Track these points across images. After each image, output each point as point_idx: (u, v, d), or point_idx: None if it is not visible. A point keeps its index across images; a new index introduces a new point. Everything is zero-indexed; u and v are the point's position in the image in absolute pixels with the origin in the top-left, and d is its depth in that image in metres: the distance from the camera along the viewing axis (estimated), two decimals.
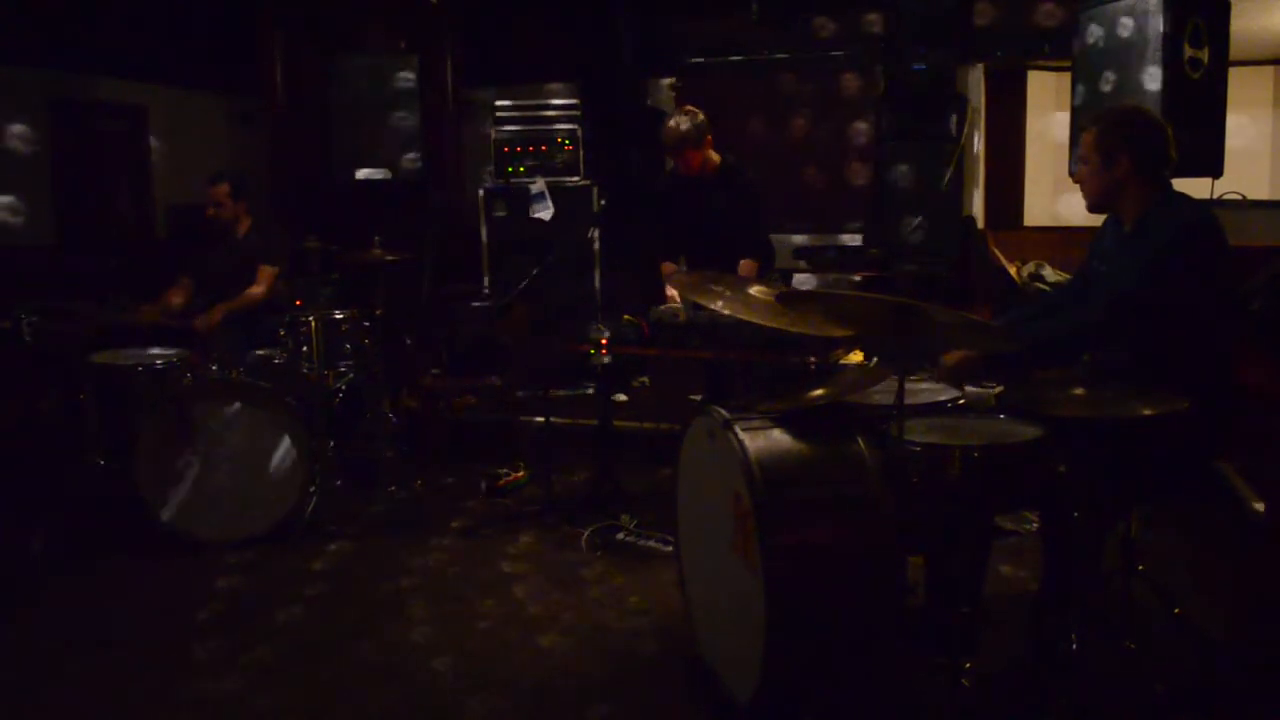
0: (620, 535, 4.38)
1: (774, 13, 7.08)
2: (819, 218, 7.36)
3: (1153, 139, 2.99)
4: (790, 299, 3.34)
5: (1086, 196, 3.08)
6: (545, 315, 5.81)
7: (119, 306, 4.88)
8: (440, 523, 4.68)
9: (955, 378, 3.12)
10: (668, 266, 4.94)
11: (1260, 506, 4.17)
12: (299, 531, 4.42)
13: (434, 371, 5.89)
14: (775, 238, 5.31)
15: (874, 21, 7.05)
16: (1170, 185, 3.01)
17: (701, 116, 4.69)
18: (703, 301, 3.55)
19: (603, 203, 6.42)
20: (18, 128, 6.23)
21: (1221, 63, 4.48)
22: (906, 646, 2.82)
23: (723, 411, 2.88)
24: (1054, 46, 6.68)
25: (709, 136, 4.72)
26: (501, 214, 6.61)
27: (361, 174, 6.60)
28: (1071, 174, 3.21)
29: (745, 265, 4.73)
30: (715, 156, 4.80)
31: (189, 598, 3.90)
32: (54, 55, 6.40)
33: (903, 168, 6.50)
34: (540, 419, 5.27)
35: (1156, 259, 2.85)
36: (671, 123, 4.68)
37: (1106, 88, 4.60)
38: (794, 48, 7.33)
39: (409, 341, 5.89)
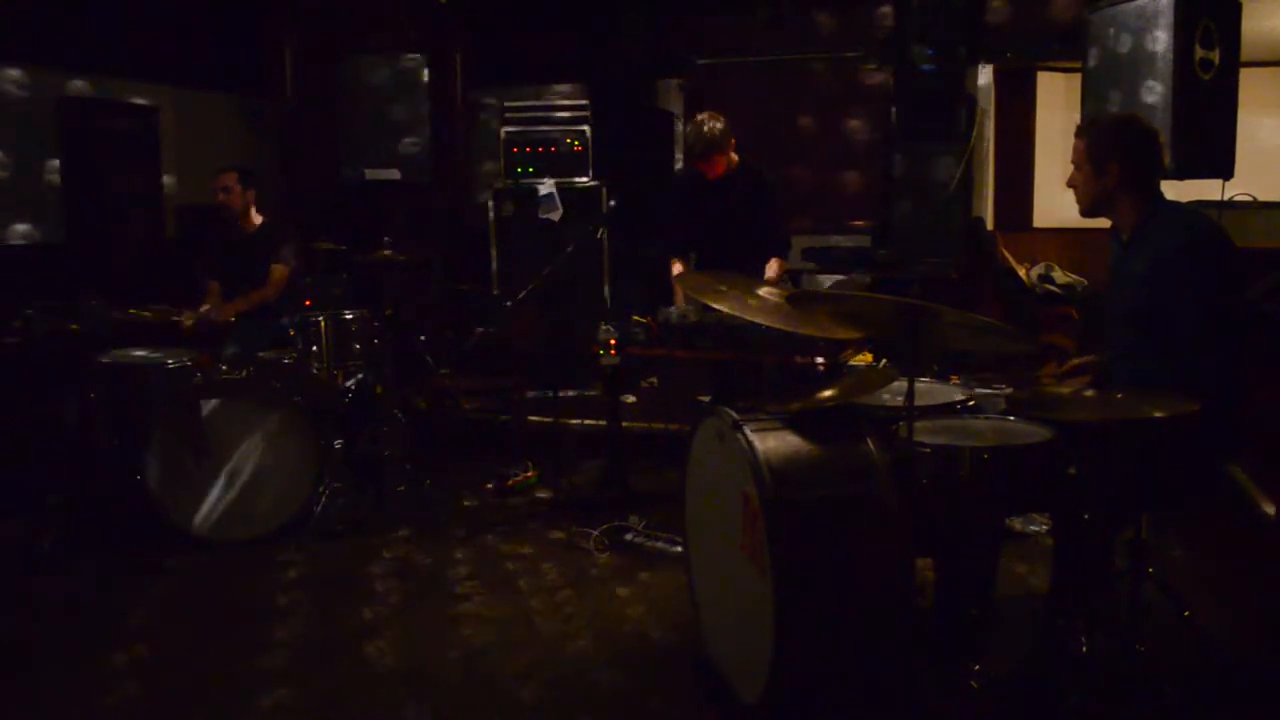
0: (629, 536, 4.38)
1: (782, 13, 7.08)
2: (828, 218, 7.36)
3: (1144, 147, 2.99)
4: (799, 300, 3.34)
5: (1079, 203, 3.10)
6: (554, 316, 5.81)
7: (158, 308, 4.89)
8: (448, 522, 4.69)
9: None
10: (677, 265, 4.94)
11: (1270, 509, 4.16)
12: (308, 531, 4.44)
13: (443, 372, 5.90)
14: None
15: (884, 21, 7.05)
16: (1161, 193, 3.01)
17: (724, 120, 4.68)
18: (711, 303, 3.55)
19: (611, 203, 6.42)
20: (28, 126, 6.25)
21: (1233, 64, 4.46)
22: (915, 648, 2.81)
23: (732, 412, 2.88)
24: (1064, 47, 6.67)
25: (732, 139, 4.72)
26: (510, 214, 6.62)
27: (371, 174, 6.61)
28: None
29: (773, 266, 4.73)
30: (734, 156, 4.80)
31: (197, 597, 3.92)
32: (64, 55, 6.42)
33: (912, 169, 6.49)
34: (549, 419, 5.28)
35: (1163, 264, 2.85)
36: (699, 129, 4.63)
37: (1116, 89, 4.58)
38: (802, 48, 7.33)
39: (418, 341, 5.89)
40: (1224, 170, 4.49)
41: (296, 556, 4.26)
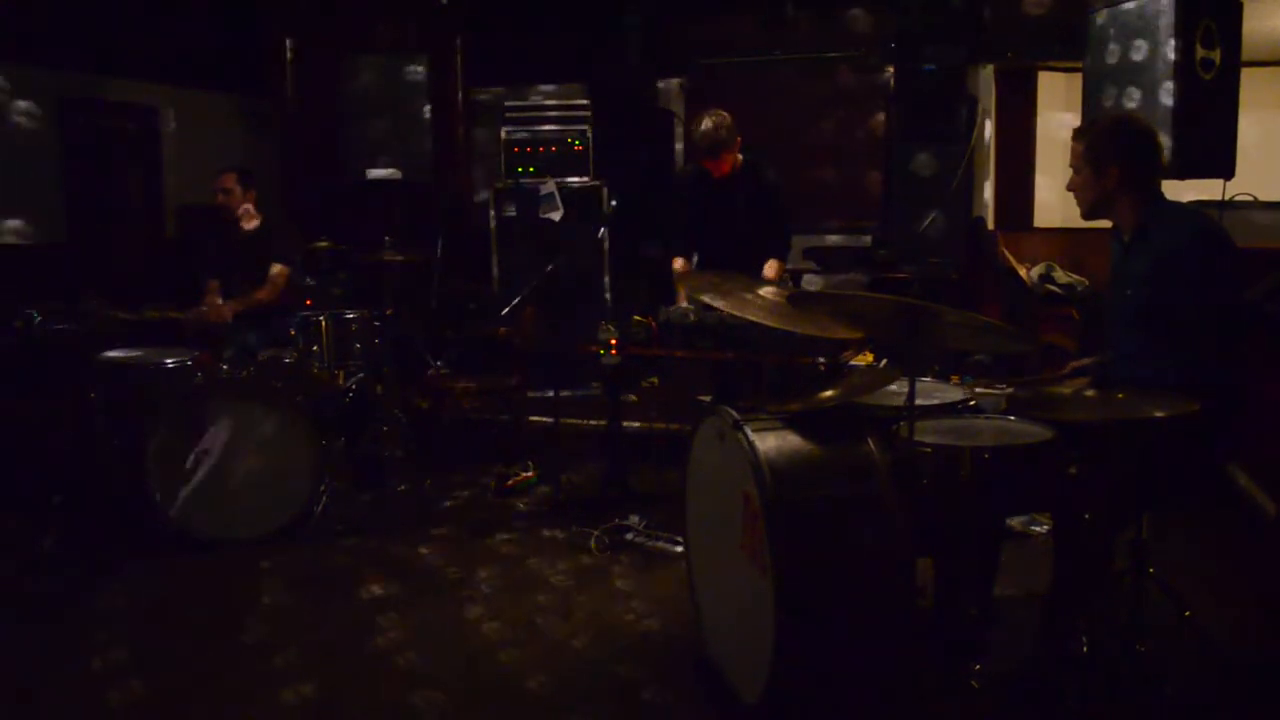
0: (629, 535, 4.38)
1: (783, 13, 7.07)
2: (828, 218, 7.36)
3: (1142, 148, 3.00)
4: (800, 300, 3.34)
5: (1080, 205, 3.10)
6: (554, 316, 5.81)
7: (159, 308, 4.90)
8: (449, 522, 4.69)
9: None
10: (678, 263, 4.94)
11: (1271, 509, 4.16)
12: (308, 530, 4.44)
13: (443, 371, 5.90)
14: None
15: (884, 22, 7.04)
16: (1161, 192, 3.02)
17: (730, 118, 4.69)
18: (712, 302, 3.55)
19: (612, 203, 6.42)
20: (29, 126, 6.25)
21: (1234, 63, 4.46)
22: (916, 648, 2.81)
23: (732, 412, 2.88)
24: (1064, 47, 6.67)
25: (738, 138, 4.73)
26: (511, 214, 6.62)
27: (371, 174, 6.61)
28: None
29: (771, 267, 4.74)
30: (739, 155, 4.81)
31: (198, 597, 3.92)
32: (66, 55, 6.42)
33: (912, 168, 6.49)
34: (549, 419, 5.28)
35: (1165, 263, 2.85)
36: (706, 126, 4.63)
37: (1117, 89, 4.58)
38: (803, 48, 7.32)
39: (418, 341, 5.90)
40: (1225, 170, 4.49)
41: (297, 556, 4.26)
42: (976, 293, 6.49)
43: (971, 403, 3.15)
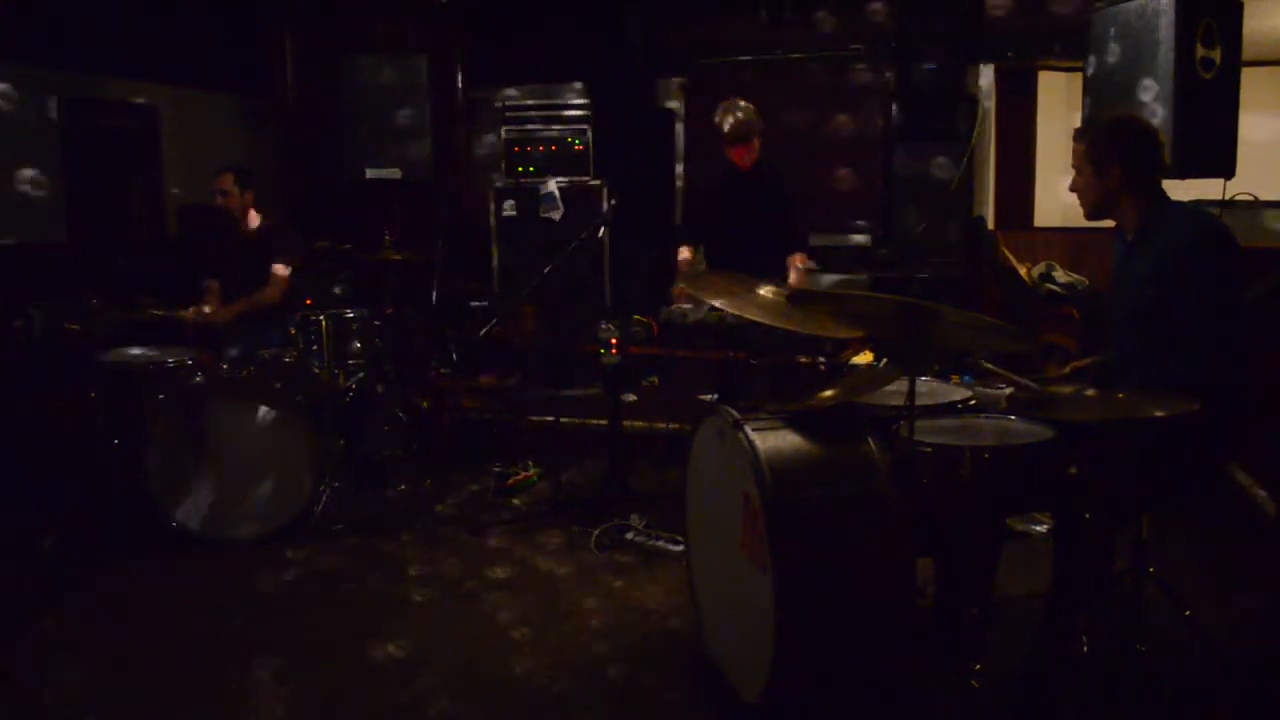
0: (629, 535, 4.39)
1: (783, 12, 7.07)
2: (829, 218, 7.34)
3: (1144, 147, 2.99)
4: (800, 299, 3.33)
5: (1083, 206, 3.10)
6: (555, 315, 5.81)
7: (151, 307, 4.89)
8: (449, 522, 4.69)
9: None
10: (684, 252, 4.97)
11: (1271, 509, 4.16)
12: (308, 530, 4.44)
13: (443, 371, 5.90)
14: None
15: (884, 21, 7.04)
16: (1163, 191, 3.01)
17: (755, 109, 4.78)
18: (712, 302, 3.55)
19: (613, 202, 6.42)
20: (30, 125, 6.25)
21: (1234, 63, 4.45)
22: (916, 647, 2.81)
23: (733, 411, 2.88)
24: (1065, 46, 6.66)
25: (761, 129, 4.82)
26: (511, 213, 6.63)
27: (372, 173, 6.60)
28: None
29: (797, 260, 4.80)
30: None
31: (198, 597, 3.92)
32: (66, 55, 6.42)
33: (913, 168, 6.48)
34: (550, 418, 5.28)
35: (1168, 263, 2.85)
36: (737, 114, 4.73)
37: (1118, 88, 4.58)
38: (803, 47, 7.32)
39: (419, 341, 5.90)
40: (1225, 169, 4.49)
41: (297, 556, 4.26)
42: (976, 293, 6.49)
43: (972, 402, 3.15)
